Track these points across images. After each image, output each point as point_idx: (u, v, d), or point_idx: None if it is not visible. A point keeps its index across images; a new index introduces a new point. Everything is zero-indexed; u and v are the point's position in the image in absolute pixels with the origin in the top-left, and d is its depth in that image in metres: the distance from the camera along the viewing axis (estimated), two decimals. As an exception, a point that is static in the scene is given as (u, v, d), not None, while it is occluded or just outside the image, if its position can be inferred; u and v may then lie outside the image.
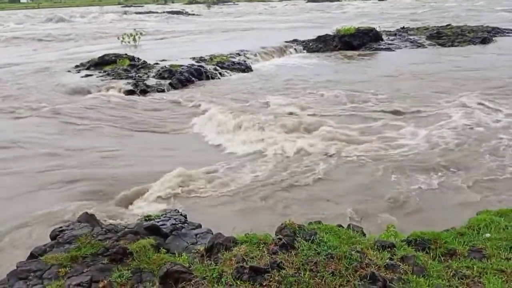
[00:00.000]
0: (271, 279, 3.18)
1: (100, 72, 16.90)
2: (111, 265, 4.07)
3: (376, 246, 3.70)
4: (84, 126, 11.26)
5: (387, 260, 3.46)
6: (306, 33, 26.17)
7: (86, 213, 5.25)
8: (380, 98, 12.57)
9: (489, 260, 3.65)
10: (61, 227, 5.05)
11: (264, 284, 3.16)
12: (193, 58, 18.85)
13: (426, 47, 22.00)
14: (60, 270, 4.00)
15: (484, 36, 22.73)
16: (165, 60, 18.60)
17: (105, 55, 18.55)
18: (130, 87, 14.57)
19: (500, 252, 3.77)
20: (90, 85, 14.99)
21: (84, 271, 4.00)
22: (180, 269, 3.41)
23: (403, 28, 27.88)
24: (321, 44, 22.77)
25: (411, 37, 24.27)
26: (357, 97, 12.81)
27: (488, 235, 4.07)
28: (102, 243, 4.46)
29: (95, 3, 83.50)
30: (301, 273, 3.24)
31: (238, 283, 3.19)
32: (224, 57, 18.98)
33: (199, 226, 5.57)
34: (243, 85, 15.19)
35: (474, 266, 3.55)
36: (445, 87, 13.64)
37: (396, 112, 11.27)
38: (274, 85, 15.03)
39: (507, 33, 24.76)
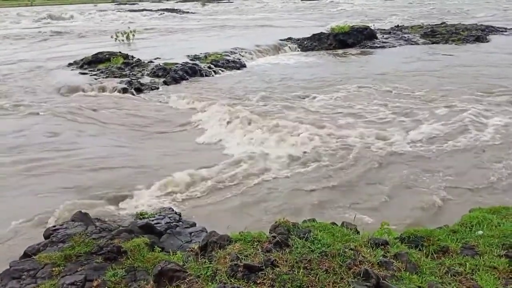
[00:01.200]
0: (265, 277, 3.19)
1: (93, 71, 16.80)
2: (105, 263, 4.07)
3: (369, 244, 3.72)
4: (77, 125, 11.21)
5: (380, 257, 3.48)
6: (300, 31, 26.17)
7: (80, 212, 5.24)
8: (417, 95, 12.46)
9: (481, 257, 3.68)
10: (54, 226, 5.05)
11: (258, 282, 3.16)
12: (188, 56, 18.80)
13: (421, 45, 22.06)
14: (53, 269, 4.00)
15: (478, 34, 22.80)
16: (159, 58, 18.54)
17: (98, 53, 18.44)
18: (124, 86, 14.50)
19: (493, 249, 3.80)
20: (83, 84, 14.91)
21: (78, 270, 3.99)
22: (174, 268, 3.41)
23: (397, 26, 27.93)
24: (316, 43, 22.76)
25: (405, 35, 24.31)
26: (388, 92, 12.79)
27: (480, 232, 4.10)
28: (96, 241, 4.46)
29: (88, 1, 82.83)
30: (295, 271, 3.25)
31: (232, 281, 3.20)
32: (219, 55, 18.94)
33: (194, 224, 5.59)
34: (239, 83, 15.16)
35: (467, 263, 3.58)
36: (463, 83, 13.63)
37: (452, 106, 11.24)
38: (270, 82, 15.01)
39: (501, 31, 24.86)
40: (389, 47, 21.79)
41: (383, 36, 24.25)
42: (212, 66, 17.40)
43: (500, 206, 4.74)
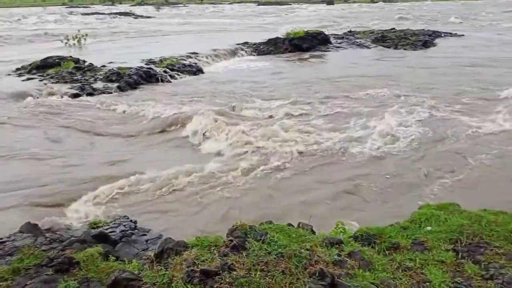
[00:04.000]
0: (222, 281, 3.18)
1: (42, 76, 16.15)
2: (57, 276, 3.91)
3: (324, 243, 3.80)
4: (23, 131, 10.75)
5: (335, 256, 3.56)
6: (256, 36, 26.40)
7: (29, 222, 5.03)
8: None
9: (430, 252, 3.85)
10: (1, 238, 4.81)
11: (215, 286, 3.15)
12: (142, 60, 18.47)
13: (372, 50, 22.86)
14: (1, 284, 3.81)
15: (426, 39, 23.93)
16: (113, 63, 18.10)
17: (48, 57, 17.77)
18: (75, 91, 14.06)
19: (440, 244, 3.98)
20: (31, 89, 14.30)
21: (27, 283, 3.83)
22: (129, 277, 3.34)
23: (350, 31, 28.78)
24: (272, 47, 23.04)
25: (357, 40, 25.09)
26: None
27: (429, 228, 4.28)
28: (47, 253, 4.29)
29: (37, 4, 79.66)
30: (252, 274, 3.26)
31: (189, 287, 3.16)
32: (174, 60, 18.73)
33: (150, 231, 5.50)
34: (196, 88, 15.02)
35: (417, 258, 3.73)
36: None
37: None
38: (228, 88, 14.96)
39: (446, 36, 26.20)
40: (343, 51, 22.43)
41: (336, 41, 24.89)
42: (168, 70, 17.16)
43: (447, 202, 4.96)
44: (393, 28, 28.46)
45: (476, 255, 3.78)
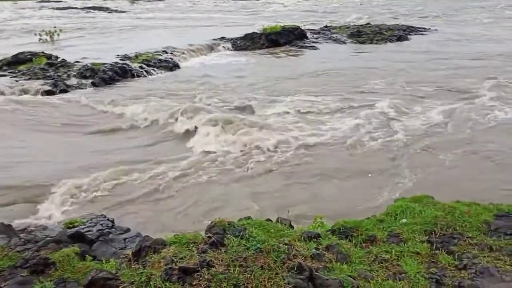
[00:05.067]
0: (200, 278, 3.17)
1: (14, 72, 15.72)
2: (32, 277, 3.83)
3: (303, 237, 3.83)
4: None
5: (313, 250, 3.60)
6: (233, 31, 26.25)
7: (2, 223, 4.90)
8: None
9: (405, 244, 3.93)
10: (-27, 241, 4.67)
11: (193, 283, 3.14)
12: (117, 56, 18.15)
13: (349, 45, 23.06)
14: (-27, 287, 3.71)
15: (400, 34, 24.29)
16: (87, 58, 17.73)
17: (19, 53, 17.29)
18: (48, 87, 13.74)
19: (415, 235, 4.07)
20: (3, 86, 13.90)
21: (2, 285, 3.74)
22: (106, 276, 3.29)
23: (326, 26, 28.92)
24: (249, 42, 22.97)
25: (334, 35, 25.24)
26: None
27: (404, 220, 4.37)
28: (21, 254, 4.20)
29: (7, -2, 77.17)
30: (231, 270, 3.26)
31: (167, 284, 3.15)
32: (150, 55, 18.48)
33: (128, 230, 5.44)
34: (172, 84, 14.88)
35: (393, 250, 3.81)
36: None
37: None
38: (206, 83, 14.82)
39: (420, 31, 26.61)
40: (320, 46, 22.52)
41: (313, 36, 24.99)
42: (144, 66, 16.93)
43: (421, 195, 5.06)
44: (369, 23, 28.74)
45: (450, 246, 3.88)
